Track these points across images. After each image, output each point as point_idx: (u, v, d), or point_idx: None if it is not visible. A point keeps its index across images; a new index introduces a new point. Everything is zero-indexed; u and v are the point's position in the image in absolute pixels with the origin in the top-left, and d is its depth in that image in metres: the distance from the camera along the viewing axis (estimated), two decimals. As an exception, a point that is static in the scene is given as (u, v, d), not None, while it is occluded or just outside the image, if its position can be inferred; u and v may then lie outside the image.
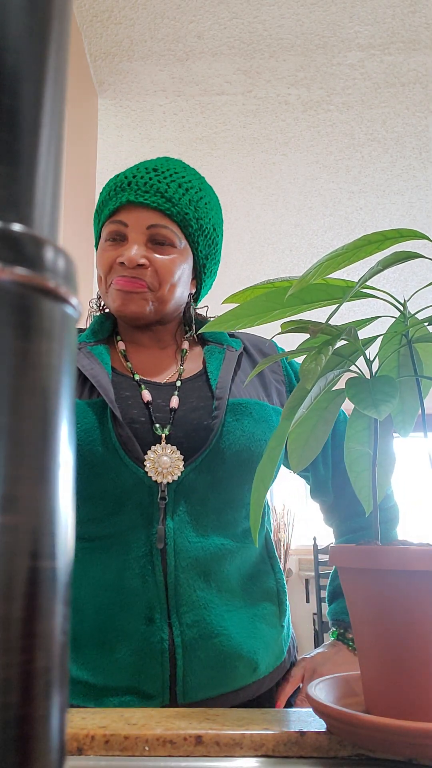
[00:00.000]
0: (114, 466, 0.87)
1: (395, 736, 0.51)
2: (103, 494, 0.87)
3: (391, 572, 0.54)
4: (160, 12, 2.13)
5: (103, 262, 0.97)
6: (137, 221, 0.95)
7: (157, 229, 0.95)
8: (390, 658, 0.55)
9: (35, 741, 0.20)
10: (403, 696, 0.54)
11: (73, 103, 2.17)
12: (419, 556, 0.53)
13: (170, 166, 0.99)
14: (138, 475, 0.87)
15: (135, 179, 0.96)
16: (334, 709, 0.56)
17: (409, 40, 2.24)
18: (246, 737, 0.61)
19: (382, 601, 0.56)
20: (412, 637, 0.54)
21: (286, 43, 2.26)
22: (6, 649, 0.19)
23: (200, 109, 2.62)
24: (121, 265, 0.95)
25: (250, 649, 0.89)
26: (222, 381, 0.96)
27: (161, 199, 0.95)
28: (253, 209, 3.35)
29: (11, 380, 0.21)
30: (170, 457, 0.88)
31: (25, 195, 0.23)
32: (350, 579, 0.59)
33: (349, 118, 2.66)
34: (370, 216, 3.42)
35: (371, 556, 0.55)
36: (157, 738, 0.60)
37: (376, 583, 0.56)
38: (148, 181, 0.96)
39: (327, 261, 0.56)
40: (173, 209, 0.96)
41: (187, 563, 0.87)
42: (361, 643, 0.59)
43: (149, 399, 0.94)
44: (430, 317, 0.63)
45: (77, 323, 0.25)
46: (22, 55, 0.23)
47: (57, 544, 0.22)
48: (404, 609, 0.54)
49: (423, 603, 0.53)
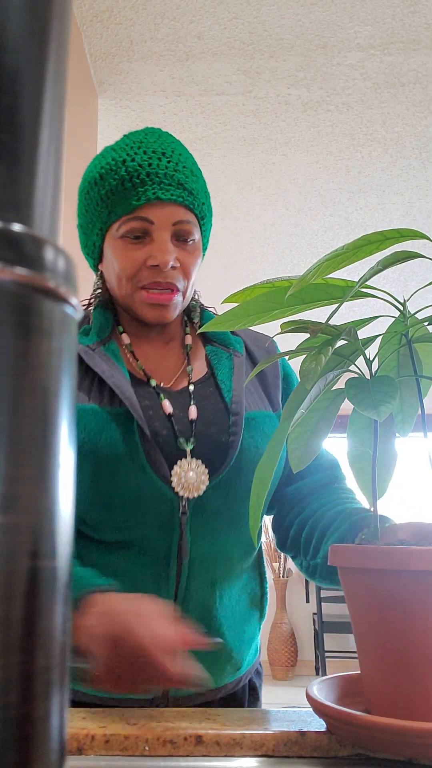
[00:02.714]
0: (138, 479, 0.86)
1: (395, 736, 0.51)
2: (123, 504, 0.87)
3: (392, 572, 0.54)
4: (160, 12, 2.13)
5: (129, 262, 0.91)
6: (164, 218, 0.90)
7: (181, 225, 0.91)
8: (390, 657, 0.55)
9: (35, 741, 0.20)
10: (403, 696, 0.54)
11: (73, 103, 2.17)
12: (420, 556, 0.53)
13: (173, 147, 0.94)
14: (161, 489, 0.86)
15: (152, 169, 0.89)
16: (334, 709, 0.56)
17: (409, 40, 2.24)
18: (246, 737, 0.61)
19: (382, 601, 0.56)
20: (412, 636, 0.54)
21: (286, 43, 2.27)
22: (6, 649, 0.19)
23: (200, 109, 2.62)
24: (152, 267, 0.90)
25: (238, 651, 0.92)
26: (236, 394, 0.94)
27: (184, 192, 0.91)
28: (253, 209, 3.35)
29: (11, 380, 0.21)
30: (196, 472, 0.87)
31: (25, 195, 0.23)
32: (351, 578, 0.59)
33: (349, 118, 2.66)
34: (370, 216, 3.42)
35: (372, 556, 0.55)
36: (157, 738, 0.60)
37: (376, 582, 0.56)
38: (167, 171, 0.90)
39: (327, 261, 0.56)
40: (195, 202, 0.92)
41: (199, 574, 0.88)
42: (362, 642, 0.59)
43: (171, 411, 0.92)
44: (429, 317, 0.63)
45: (77, 323, 0.25)
46: (22, 55, 0.23)
47: (57, 544, 0.22)
48: (404, 608, 0.54)
49: (423, 603, 0.53)
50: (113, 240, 0.92)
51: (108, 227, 0.92)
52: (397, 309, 0.64)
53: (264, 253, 3.82)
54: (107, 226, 0.92)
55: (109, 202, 0.91)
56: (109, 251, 0.94)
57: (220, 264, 3.89)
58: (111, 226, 0.92)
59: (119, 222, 0.90)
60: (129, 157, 0.91)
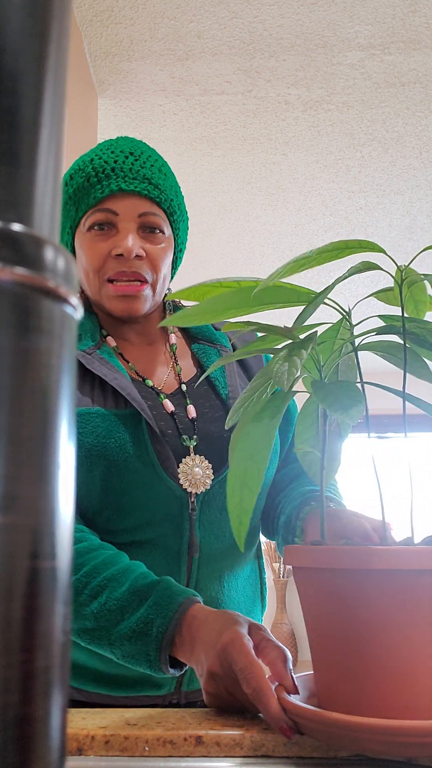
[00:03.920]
0: (148, 479, 0.87)
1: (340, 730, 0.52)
2: (134, 507, 0.88)
3: (345, 571, 0.55)
4: (160, 12, 2.13)
5: (94, 254, 0.91)
6: (128, 209, 0.91)
7: (148, 216, 0.92)
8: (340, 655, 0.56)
9: (35, 741, 0.20)
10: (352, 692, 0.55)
11: (73, 103, 2.17)
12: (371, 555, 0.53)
13: (142, 149, 0.96)
14: (171, 487, 0.88)
15: (117, 165, 0.91)
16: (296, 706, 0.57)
17: (409, 40, 2.24)
18: (246, 737, 0.61)
19: (333, 599, 0.57)
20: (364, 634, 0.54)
21: (286, 43, 2.26)
22: (6, 649, 0.19)
23: (200, 109, 2.62)
24: (117, 257, 0.90)
25: None
26: (232, 390, 0.96)
27: (150, 186, 0.92)
28: (253, 209, 3.35)
29: (11, 380, 0.21)
30: (201, 467, 0.90)
31: (24, 195, 0.23)
32: (304, 578, 0.60)
33: (349, 117, 2.66)
34: (370, 216, 3.42)
35: (325, 556, 0.56)
36: (157, 738, 0.60)
37: (329, 582, 0.57)
38: (133, 167, 0.92)
39: (293, 263, 0.58)
40: (161, 196, 0.93)
41: (209, 570, 0.90)
42: (315, 642, 0.60)
43: (173, 409, 0.93)
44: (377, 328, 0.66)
45: (77, 323, 0.25)
46: (22, 55, 0.23)
47: (57, 544, 0.22)
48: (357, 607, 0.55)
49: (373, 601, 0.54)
50: (81, 236, 0.94)
51: (77, 224, 0.94)
52: (344, 317, 0.66)
53: (264, 253, 3.82)
54: (76, 223, 0.94)
55: (76, 199, 0.93)
56: (78, 248, 0.95)
57: (220, 264, 3.89)
58: (79, 223, 0.94)
59: (86, 216, 0.93)
60: (96, 156, 0.93)
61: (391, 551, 0.53)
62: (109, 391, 0.90)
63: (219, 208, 3.30)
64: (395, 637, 0.53)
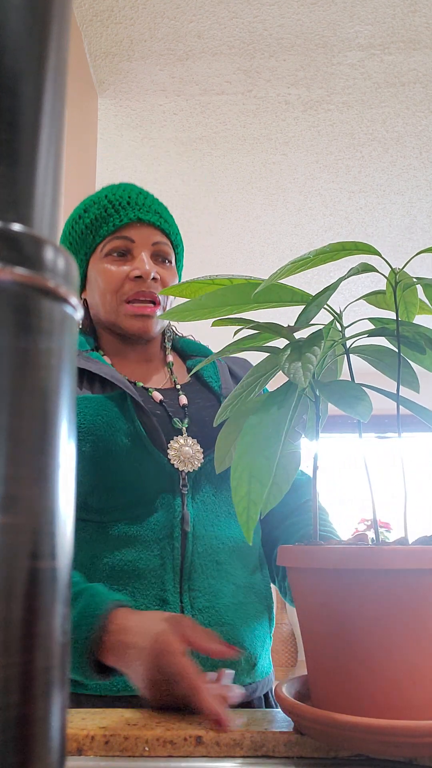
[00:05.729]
0: (137, 455, 0.90)
1: (340, 730, 0.52)
2: (125, 485, 0.90)
3: (339, 571, 0.56)
4: (160, 11, 2.13)
5: (113, 276, 0.99)
6: (144, 237, 1.00)
7: (159, 246, 1.02)
8: (335, 654, 0.56)
9: (35, 741, 0.20)
10: (346, 691, 0.55)
11: (73, 103, 2.17)
12: (366, 555, 0.54)
13: (143, 191, 1.06)
14: (161, 463, 0.91)
15: (132, 199, 1.02)
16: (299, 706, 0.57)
17: (409, 40, 2.24)
18: (246, 737, 0.61)
19: (326, 599, 0.57)
20: (358, 633, 0.55)
21: (286, 43, 2.26)
22: (6, 649, 0.19)
23: (200, 109, 2.62)
24: (135, 279, 0.98)
25: (251, 644, 0.91)
26: (225, 383, 1.02)
27: (161, 219, 1.03)
28: (253, 209, 3.35)
29: (11, 380, 0.21)
30: (191, 447, 0.94)
31: (24, 195, 0.23)
32: (299, 578, 0.61)
33: (349, 117, 2.66)
34: (370, 216, 3.42)
35: (319, 556, 0.57)
36: (157, 738, 0.60)
37: (320, 581, 0.58)
38: (146, 201, 1.03)
39: (292, 264, 0.59)
40: (170, 229, 1.04)
41: (203, 549, 0.91)
42: (310, 642, 0.60)
43: (161, 398, 0.99)
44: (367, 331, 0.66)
45: (77, 323, 0.25)
46: (22, 55, 0.23)
47: (57, 544, 0.22)
48: (351, 607, 0.55)
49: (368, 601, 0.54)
50: (98, 261, 1.02)
51: (93, 251, 1.03)
52: (335, 319, 0.66)
53: (264, 253, 3.82)
54: (92, 249, 1.03)
55: (93, 228, 1.02)
56: (93, 273, 1.03)
57: (220, 264, 3.89)
58: (96, 249, 1.02)
59: (103, 242, 1.01)
60: (110, 192, 1.04)
61: (386, 551, 0.53)
62: (96, 382, 0.96)
63: (219, 208, 3.30)
64: (390, 636, 0.53)
